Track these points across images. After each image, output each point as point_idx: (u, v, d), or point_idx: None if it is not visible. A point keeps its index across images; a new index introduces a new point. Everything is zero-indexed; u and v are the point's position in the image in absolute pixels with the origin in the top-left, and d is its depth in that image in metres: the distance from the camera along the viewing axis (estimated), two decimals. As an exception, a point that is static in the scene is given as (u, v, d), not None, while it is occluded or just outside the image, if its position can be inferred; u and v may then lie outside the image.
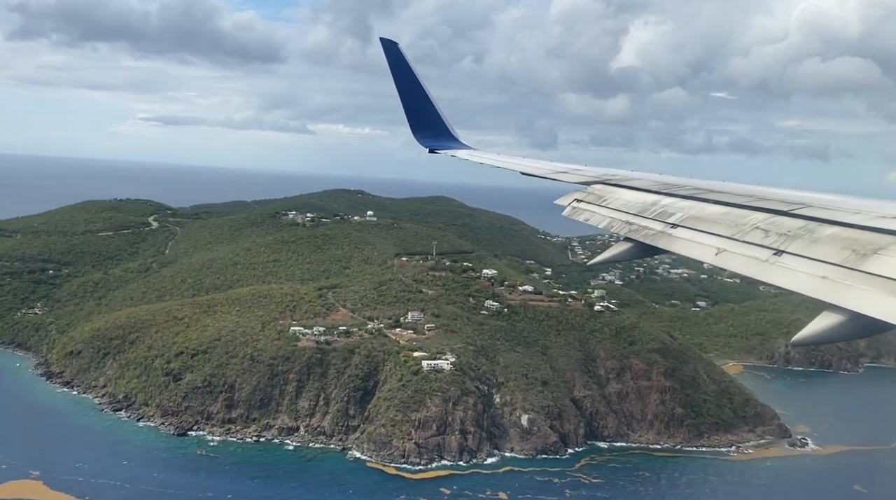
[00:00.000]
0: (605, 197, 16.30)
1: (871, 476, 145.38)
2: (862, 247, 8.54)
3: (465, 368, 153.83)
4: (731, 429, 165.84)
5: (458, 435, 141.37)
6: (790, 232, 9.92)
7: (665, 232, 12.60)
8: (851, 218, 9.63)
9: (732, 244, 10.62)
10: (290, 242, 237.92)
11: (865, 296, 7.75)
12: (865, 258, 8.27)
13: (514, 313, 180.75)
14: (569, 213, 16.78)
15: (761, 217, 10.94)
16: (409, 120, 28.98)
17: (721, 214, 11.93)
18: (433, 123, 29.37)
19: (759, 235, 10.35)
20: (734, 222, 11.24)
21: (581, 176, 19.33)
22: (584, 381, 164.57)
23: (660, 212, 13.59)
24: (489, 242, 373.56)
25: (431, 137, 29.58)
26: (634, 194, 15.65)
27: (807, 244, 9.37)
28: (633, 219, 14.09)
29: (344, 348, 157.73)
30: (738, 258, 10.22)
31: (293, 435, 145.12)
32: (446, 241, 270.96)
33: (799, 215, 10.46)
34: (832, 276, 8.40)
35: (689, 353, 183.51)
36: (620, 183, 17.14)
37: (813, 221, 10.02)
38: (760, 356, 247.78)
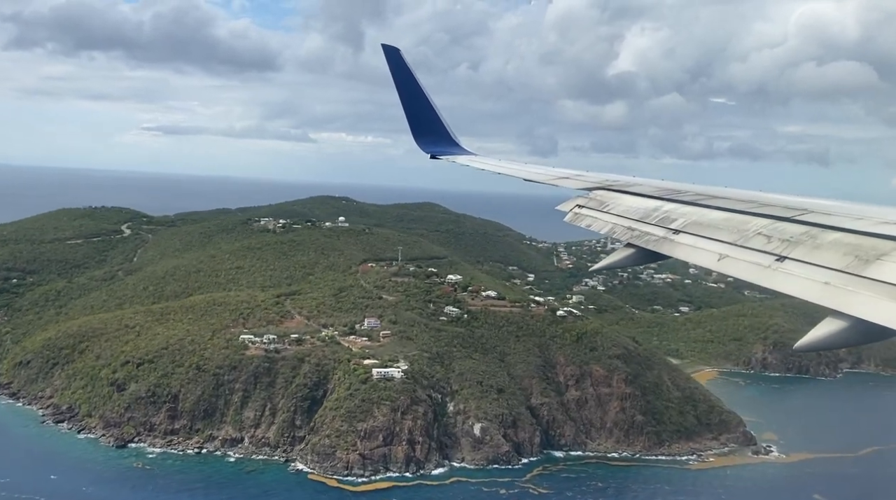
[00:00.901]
0: (606, 203, 16.25)
1: (832, 485, 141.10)
2: (864, 253, 8.47)
3: (417, 376, 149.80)
4: (694, 437, 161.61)
5: (406, 445, 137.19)
6: (792, 238, 9.87)
7: (667, 238, 12.56)
8: (854, 224, 9.58)
9: (735, 250, 10.58)
10: (256, 248, 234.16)
11: (868, 302, 7.69)
12: (868, 264, 8.22)
13: (474, 319, 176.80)
14: (571, 219, 16.67)
15: (763, 223, 10.93)
16: (410, 126, 28.97)
17: (723, 220, 11.88)
18: (435, 129, 29.33)
19: (762, 240, 10.34)
20: (736, 228, 11.19)
21: (583, 182, 19.30)
22: (542, 388, 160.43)
23: (662, 218, 13.52)
24: (472, 248, 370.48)
25: (433, 142, 29.55)
26: (636, 200, 15.59)
27: (809, 250, 9.33)
28: (635, 225, 14.04)
29: (294, 357, 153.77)
30: (740, 264, 10.18)
31: (237, 447, 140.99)
32: (418, 246, 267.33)
33: (801, 221, 10.37)
34: (835, 282, 8.34)
35: (653, 359, 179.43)
36: (622, 189, 17.12)
37: (815, 227, 9.97)
38: (737, 362, 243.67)
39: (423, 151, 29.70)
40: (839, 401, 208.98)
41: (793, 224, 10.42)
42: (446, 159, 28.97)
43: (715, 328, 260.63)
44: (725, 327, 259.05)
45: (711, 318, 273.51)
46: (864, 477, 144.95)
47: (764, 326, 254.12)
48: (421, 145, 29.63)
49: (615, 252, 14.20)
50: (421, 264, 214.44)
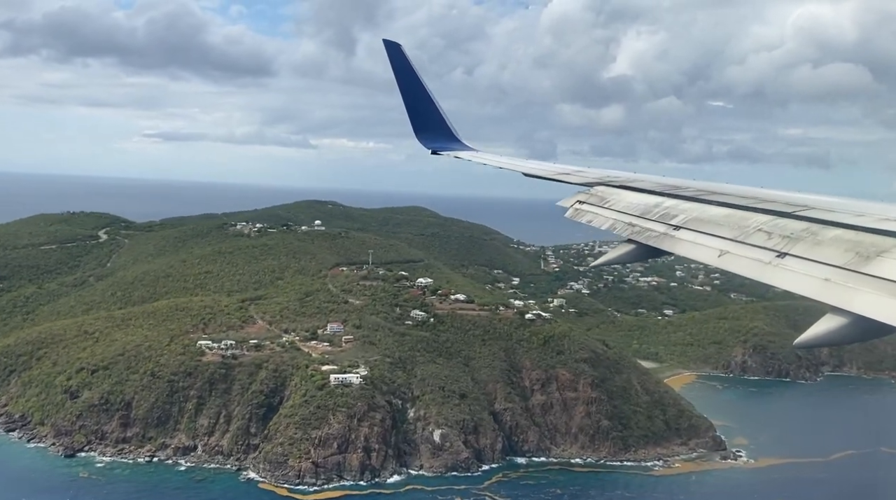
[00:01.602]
0: (607, 199, 16.18)
1: (797, 490, 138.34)
2: (865, 249, 8.46)
3: (376, 381, 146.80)
4: (662, 442, 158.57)
5: (361, 453, 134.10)
6: (793, 234, 9.86)
7: (668, 234, 12.55)
8: (854, 220, 9.55)
9: (735, 246, 10.56)
10: (227, 253, 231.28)
11: (869, 299, 7.66)
12: (869, 261, 8.22)
13: (441, 322, 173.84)
14: (571, 214, 16.64)
15: (764, 219, 10.92)
16: (411, 121, 28.92)
17: (724, 216, 11.86)
18: (436, 125, 29.25)
19: (762, 237, 10.31)
20: (737, 224, 11.20)
21: (583, 177, 19.18)
22: (506, 393, 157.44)
23: (663, 214, 13.49)
24: (457, 251, 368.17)
25: (434, 138, 29.48)
26: (637, 196, 15.51)
27: (810, 246, 9.31)
28: (635, 221, 13.95)
29: (251, 363, 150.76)
30: (740, 260, 10.13)
31: (189, 455, 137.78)
32: (394, 250, 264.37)
33: (802, 217, 10.39)
34: (835, 278, 8.33)
35: (623, 362, 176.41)
36: (623, 184, 17.01)
37: (816, 224, 9.96)
38: (716, 366, 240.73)
39: (424, 146, 29.56)
40: (816, 405, 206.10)
41: (793, 220, 10.41)
42: (447, 155, 28.92)
43: (695, 331, 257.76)
44: (706, 331, 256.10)
45: (692, 321, 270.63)
46: (831, 482, 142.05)
47: (744, 329, 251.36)
48: (422, 141, 29.48)
49: (615, 248, 14.14)
50: (391, 268, 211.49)
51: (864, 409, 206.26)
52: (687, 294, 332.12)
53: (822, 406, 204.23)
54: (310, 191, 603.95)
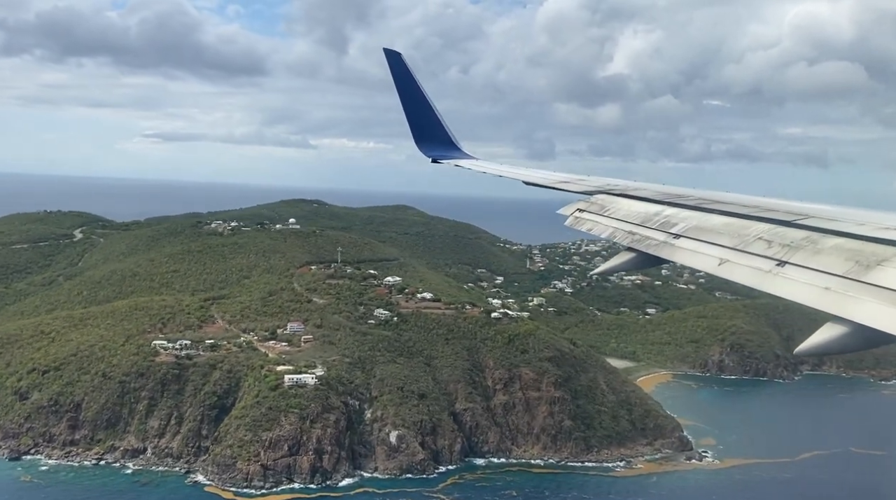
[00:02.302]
0: (607, 207, 16.24)
1: (758, 491, 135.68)
2: (865, 258, 8.46)
3: (332, 382, 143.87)
4: (627, 442, 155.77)
5: (313, 455, 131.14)
6: (793, 243, 9.86)
7: (668, 242, 12.54)
8: (854, 229, 9.59)
9: (735, 255, 10.55)
10: (196, 251, 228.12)
11: (869, 308, 7.66)
12: (869, 270, 8.22)
13: (404, 321, 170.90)
14: (571, 223, 16.66)
15: (764, 228, 10.92)
16: (412, 130, 28.92)
17: (724, 225, 11.89)
18: (436, 134, 29.28)
19: (762, 245, 10.31)
20: (737, 233, 11.17)
21: (584, 186, 19.26)
22: (468, 393, 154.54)
23: (663, 222, 13.50)
24: (440, 250, 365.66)
25: (434, 147, 29.49)
26: (637, 204, 15.58)
27: (810, 255, 9.31)
28: (636, 229, 14.00)
29: (206, 363, 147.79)
30: (741, 269, 10.12)
31: (138, 458, 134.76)
32: (369, 248, 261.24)
33: (802, 226, 10.41)
34: (835, 287, 8.32)
35: (590, 361, 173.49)
36: (623, 193, 17.09)
37: (816, 232, 9.98)
38: (693, 365, 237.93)
39: (424, 155, 29.49)
40: (791, 405, 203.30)
41: (793, 229, 10.41)
42: (448, 163, 28.90)
43: (673, 330, 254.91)
44: (684, 329, 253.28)
45: (672, 319, 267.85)
46: (793, 483, 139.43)
47: (722, 327, 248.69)
48: (422, 149, 29.49)
49: (616, 256, 14.04)
50: (360, 267, 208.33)
51: (839, 408, 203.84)
52: (671, 293, 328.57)
53: (796, 406, 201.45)
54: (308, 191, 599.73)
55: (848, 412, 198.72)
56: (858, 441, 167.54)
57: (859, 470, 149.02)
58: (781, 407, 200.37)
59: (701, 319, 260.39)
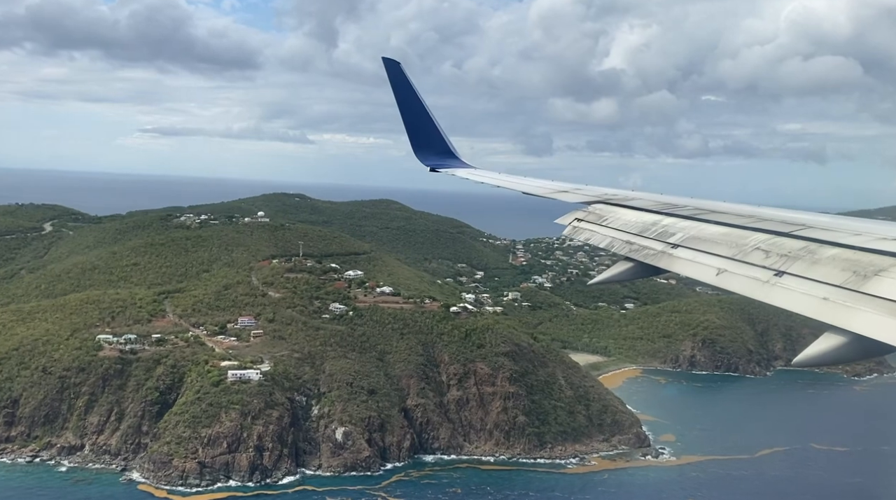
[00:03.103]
0: (605, 216, 16.30)
1: (710, 488, 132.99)
2: (863, 269, 8.50)
3: (278, 377, 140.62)
4: (582, 438, 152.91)
5: (253, 452, 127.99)
6: (791, 253, 9.92)
7: (666, 252, 12.59)
8: (852, 240, 9.61)
9: (733, 265, 10.59)
10: (159, 244, 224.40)
11: (867, 318, 7.71)
12: (866, 280, 8.26)
13: (360, 316, 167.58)
14: (569, 232, 16.66)
15: (762, 238, 10.96)
16: (410, 139, 29.14)
17: (722, 235, 11.91)
18: (434, 143, 29.45)
19: (760, 255, 10.36)
20: (735, 243, 11.23)
21: (582, 195, 19.41)
22: (420, 388, 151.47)
23: (660, 232, 13.54)
24: (421, 245, 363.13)
25: (433, 156, 29.66)
26: (635, 214, 15.60)
27: (807, 265, 9.36)
28: (633, 239, 14.02)
29: (150, 358, 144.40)
30: (738, 279, 10.16)
31: (75, 455, 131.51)
32: (338, 242, 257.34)
33: (799, 237, 10.45)
34: (833, 297, 8.37)
35: (549, 356, 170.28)
36: (621, 202, 17.21)
37: (813, 243, 10.04)
38: (665, 360, 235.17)
39: (422, 163, 29.73)
40: (758, 400, 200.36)
41: (791, 239, 10.43)
42: (446, 172, 29.23)
43: (646, 325, 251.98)
44: (657, 324, 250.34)
45: (646, 314, 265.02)
46: (747, 480, 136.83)
47: (695, 322, 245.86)
48: (420, 158, 29.70)
49: (614, 266, 13.94)
50: (321, 261, 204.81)
51: (807, 404, 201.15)
52: (650, 288, 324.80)
53: (763, 402, 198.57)
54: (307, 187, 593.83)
55: (815, 409, 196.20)
56: (821, 438, 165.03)
57: (816, 466, 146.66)
58: (748, 403, 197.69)
59: (675, 313, 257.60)
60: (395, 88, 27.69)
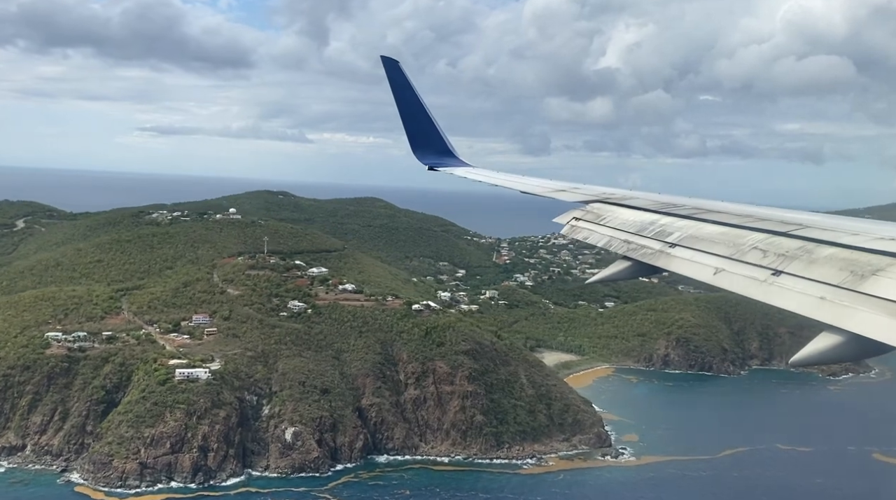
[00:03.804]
0: (603, 216, 16.37)
1: (667, 489, 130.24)
2: (860, 268, 8.51)
3: (228, 376, 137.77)
4: (542, 438, 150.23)
5: (196, 453, 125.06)
6: (788, 253, 9.94)
7: (663, 251, 12.61)
8: (849, 239, 9.64)
9: (731, 264, 10.61)
10: (125, 241, 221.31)
11: (864, 317, 7.71)
12: (864, 280, 8.26)
13: (318, 313, 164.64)
14: (567, 231, 16.82)
15: (759, 237, 10.99)
16: (409, 138, 29.08)
17: (719, 234, 11.93)
18: (433, 142, 29.37)
19: (758, 255, 10.38)
20: (732, 242, 11.26)
21: (580, 194, 19.41)
22: (376, 387, 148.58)
23: (658, 231, 13.56)
24: (403, 242, 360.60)
25: (431, 154, 29.60)
26: (633, 213, 15.64)
27: (805, 265, 9.39)
28: (631, 238, 14.01)
29: (98, 356, 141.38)
30: (736, 278, 10.20)
31: (15, 455, 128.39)
32: (309, 239, 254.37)
33: (797, 236, 10.46)
34: (830, 297, 8.40)
35: (511, 354, 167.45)
36: (619, 202, 17.31)
37: (811, 242, 10.07)
38: (638, 359, 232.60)
39: (421, 162, 29.68)
40: (729, 400, 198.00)
41: (789, 239, 10.44)
42: (444, 171, 29.29)
43: (621, 324, 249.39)
44: (632, 323, 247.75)
45: (622, 313, 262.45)
46: (703, 481, 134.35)
47: (670, 321, 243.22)
48: (419, 157, 29.64)
49: (612, 265, 13.86)
50: (285, 257, 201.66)
51: (778, 404, 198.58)
52: (632, 286, 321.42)
53: (734, 402, 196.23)
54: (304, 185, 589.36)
55: (786, 409, 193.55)
56: (787, 438, 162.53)
57: (776, 467, 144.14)
58: (718, 403, 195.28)
59: (651, 312, 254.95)
60: (393, 87, 27.59)
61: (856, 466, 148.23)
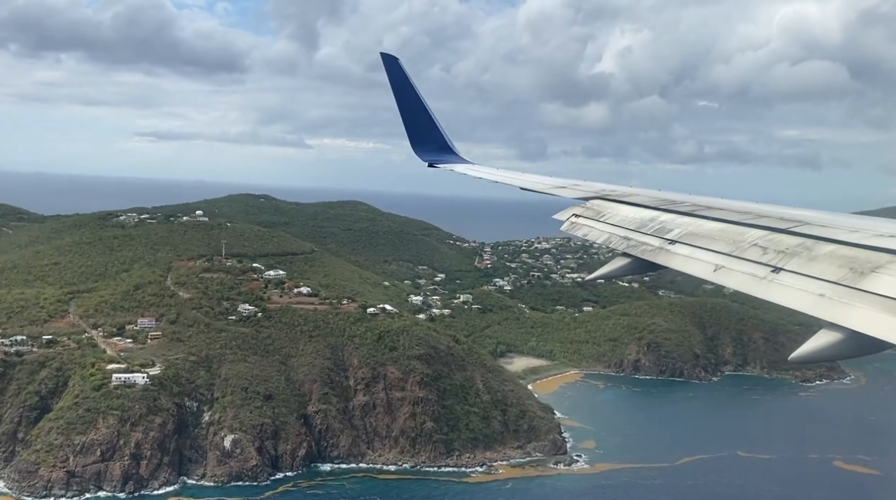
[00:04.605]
0: (603, 212, 16.34)
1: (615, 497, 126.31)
2: (860, 265, 8.49)
3: (167, 382, 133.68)
4: (494, 445, 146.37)
5: (128, 461, 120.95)
6: (788, 249, 9.88)
7: (663, 248, 12.58)
8: (849, 236, 9.58)
9: (730, 261, 10.59)
10: (85, 243, 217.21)
11: (863, 314, 7.70)
12: (863, 277, 8.24)
13: (269, 317, 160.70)
14: (567, 228, 16.80)
15: (759, 234, 10.95)
16: (408, 134, 28.84)
17: (719, 231, 11.92)
18: (433, 138, 29.17)
19: (757, 252, 10.33)
20: (732, 239, 11.22)
21: (579, 191, 19.32)
22: (323, 393, 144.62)
23: (658, 228, 13.55)
24: (383, 246, 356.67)
25: (431, 151, 29.39)
26: (633, 210, 15.63)
27: (804, 262, 9.35)
28: (631, 234, 13.98)
29: (35, 361, 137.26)
30: (736, 275, 10.16)
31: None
32: (274, 242, 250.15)
33: (797, 233, 10.38)
34: (830, 294, 8.36)
35: (468, 359, 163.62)
36: (619, 199, 17.19)
37: (811, 239, 10.00)
38: (609, 364, 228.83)
39: (420, 159, 29.52)
40: (697, 407, 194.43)
41: (788, 236, 10.37)
42: (444, 168, 29.13)
43: (594, 329, 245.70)
44: (604, 328, 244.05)
45: (596, 317, 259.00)
46: (655, 489, 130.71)
47: (642, 326, 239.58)
48: (419, 154, 29.46)
49: (611, 262, 13.94)
50: (242, 260, 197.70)
51: (746, 411, 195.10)
52: (611, 291, 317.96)
53: (701, 408, 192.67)
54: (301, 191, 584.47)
55: (753, 415, 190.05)
56: (749, 445, 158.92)
57: (734, 475, 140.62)
58: (684, 409, 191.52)
59: (624, 316, 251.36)
60: (392, 84, 27.41)
61: (815, 473, 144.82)
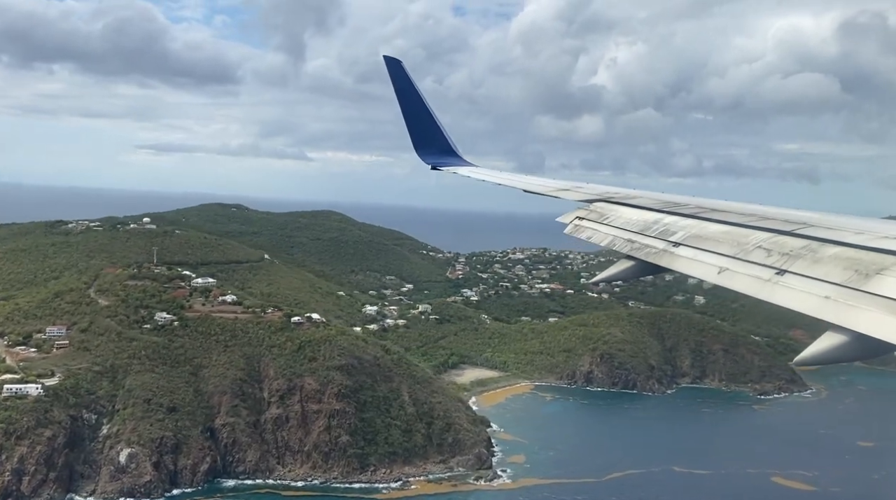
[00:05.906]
0: (607, 215, 16.22)
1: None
2: (865, 267, 8.44)
3: (63, 393, 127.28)
4: (414, 459, 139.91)
5: (10, 476, 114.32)
6: (792, 252, 9.82)
7: (667, 250, 12.54)
8: (854, 238, 9.54)
9: (735, 263, 10.50)
10: (20, 250, 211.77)
11: (868, 317, 7.66)
12: (868, 279, 8.20)
13: (185, 326, 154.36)
14: (570, 230, 16.66)
15: (764, 236, 10.89)
16: (411, 137, 28.72)
17: (723, 233, 11.85)
18: (436, 141, 29.04)
19: (762, 254, 10.26)
20: (736, 242, 11.15)
21: (583, 194, 19.21)
22: (232, 406, 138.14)
23: (662, 230, 13.49)
24: (351, 256, 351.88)
25: (434, 154, 29.22)
26: (636, 212, 15.58)
27: (809, 264, 9.29)
28: (635, 237, 13.96)
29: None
30: (740, 277, 10.09)
31: None
32: (220, 249, 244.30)
33: (801, 235, 10.37)
34: (835, 296, 8.32)
35: (395, 370, 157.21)
36: (622, 201, 17.10)
37: (815, 241, 9.96)
38: (561, 375, 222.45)
39: (424, 162, 29.23)
40: (644, 420, 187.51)
41: (793, 238, 10.37)
42: (447, 170, 28.76)
43: (549, 339, 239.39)
44: (560, 338, 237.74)
45: (553, 328, 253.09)
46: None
47: (597, 336, 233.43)
48: (422, 156, 29.17)
49: (615, 264, 13.82)
50: (173, 266, 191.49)
51: (694, 424, 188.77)
52: (579, 301, 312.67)
53: (647, 421, 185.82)
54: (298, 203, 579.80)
55: (700, 429, 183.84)
56: (686, 460, 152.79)
57: (664, 490, 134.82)
58: (630, 423, 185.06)
59: (581, 327, 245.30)
60: (396, 87, 27.24)
61: (749, 489, 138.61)
